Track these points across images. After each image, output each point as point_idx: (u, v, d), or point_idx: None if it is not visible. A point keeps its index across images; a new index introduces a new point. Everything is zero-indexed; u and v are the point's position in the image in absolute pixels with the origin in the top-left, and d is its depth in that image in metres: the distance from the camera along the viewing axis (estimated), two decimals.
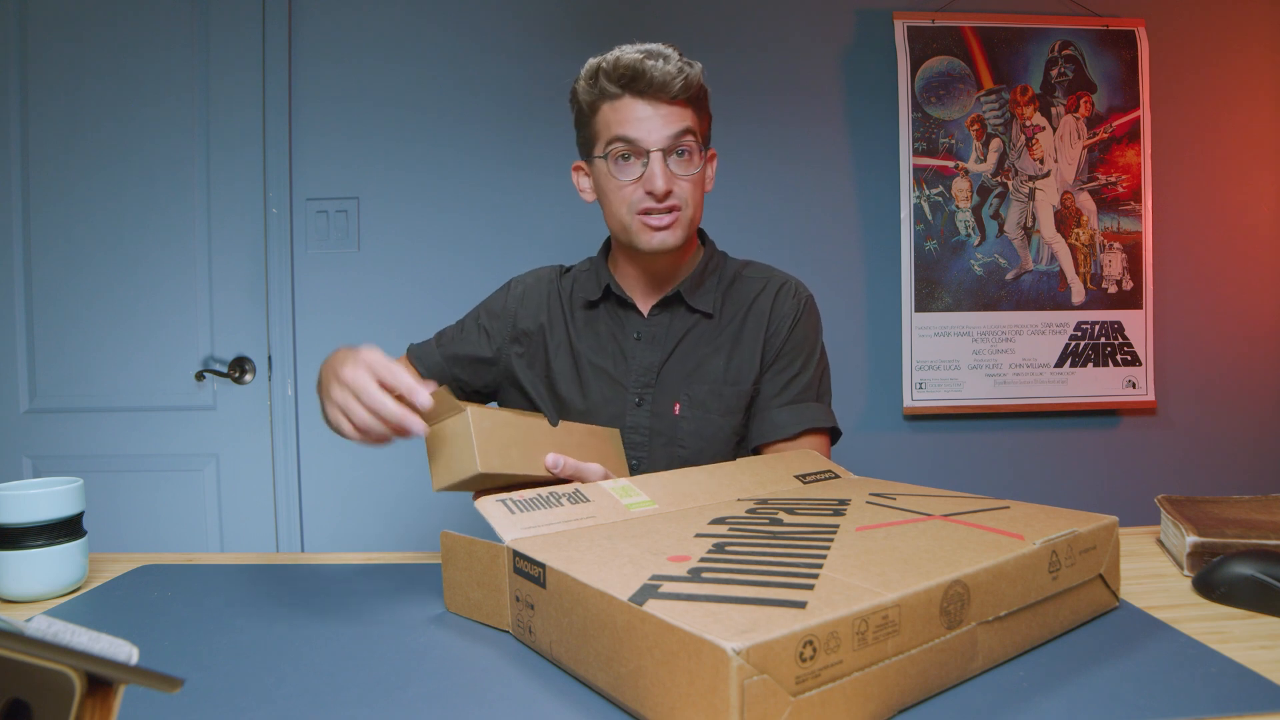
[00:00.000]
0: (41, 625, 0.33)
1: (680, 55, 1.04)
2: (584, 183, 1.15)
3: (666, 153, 1.04)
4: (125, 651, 0.33)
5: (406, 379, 0.77)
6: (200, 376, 1.99)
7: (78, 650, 0.29)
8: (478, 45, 2.02)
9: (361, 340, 2.08)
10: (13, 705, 0.29)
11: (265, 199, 1.99)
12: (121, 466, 1.99)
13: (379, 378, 0.77)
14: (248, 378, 2.00)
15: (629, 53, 1.02)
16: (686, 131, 1.04)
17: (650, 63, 1.01)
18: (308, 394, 2.02)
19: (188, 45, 1.98)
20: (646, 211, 1.06)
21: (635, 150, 1.04)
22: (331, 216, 2.01)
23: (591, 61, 1.05)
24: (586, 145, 1.11)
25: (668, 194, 1.04)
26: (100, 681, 0.30)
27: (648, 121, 1.03)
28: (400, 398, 0.77)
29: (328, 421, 0.85)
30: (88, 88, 1.97)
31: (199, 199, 1.99)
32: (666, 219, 1.06)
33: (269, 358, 2.00)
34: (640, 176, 1.05)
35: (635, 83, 1.02)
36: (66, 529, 0.82)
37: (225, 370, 1.99)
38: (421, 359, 1.22)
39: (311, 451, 2.02)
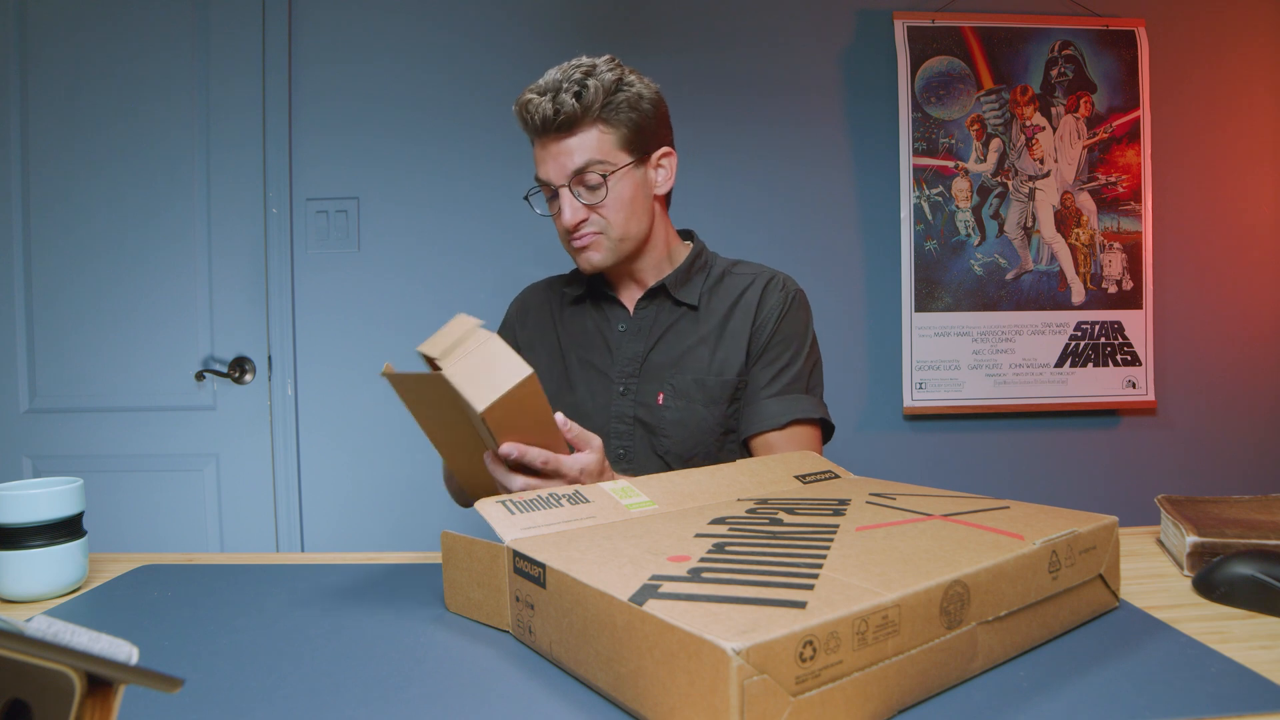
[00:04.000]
0: (41, 625, 0.33)
1: (584, 75, 1.03)
2: None
3: (573, 185, 1.06)
4: (125, 651, 0.33)
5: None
6: (200, 376, 2.00)
7: (78, 650, 0.29)
8: (478, 45, 2.02)
9: (360, 339, 2.08)
10: (13, 705, 0.29)
11: (265, 199, 1.99)
12: (121, 466, 1.99)
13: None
14: (248, 378, 2.00)
15: (525, 93, 1.05)
16: (589, 163, 1.05)
17: (536, 101, 1.03)
18: (308, 394, 2.02)
19: (188, 46, 1.98)
20: (570, 240, 1.10)
21: (548, 189, 1.09)
22: (331, 216, 2.01)
23: None
24: None
25: (579, 225, 1.07)
26: (100, 681, 0.30)
27: (548, 161, 1.06)
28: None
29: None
30: (88, 88, 1.97)
31: (199, 199, 1.99)
32: (586, 240, 1.09)
33: (269, 358, 2.00)
34: (560, 211, 1.08)
35: (528, 125, 1.07)
36: (66, 529, 0.82)
37: (225, 370, 1.99)
38: None
39: (311, 451, 2.02)
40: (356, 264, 2.02)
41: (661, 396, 1.11)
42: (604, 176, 1.06)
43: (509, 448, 0.80)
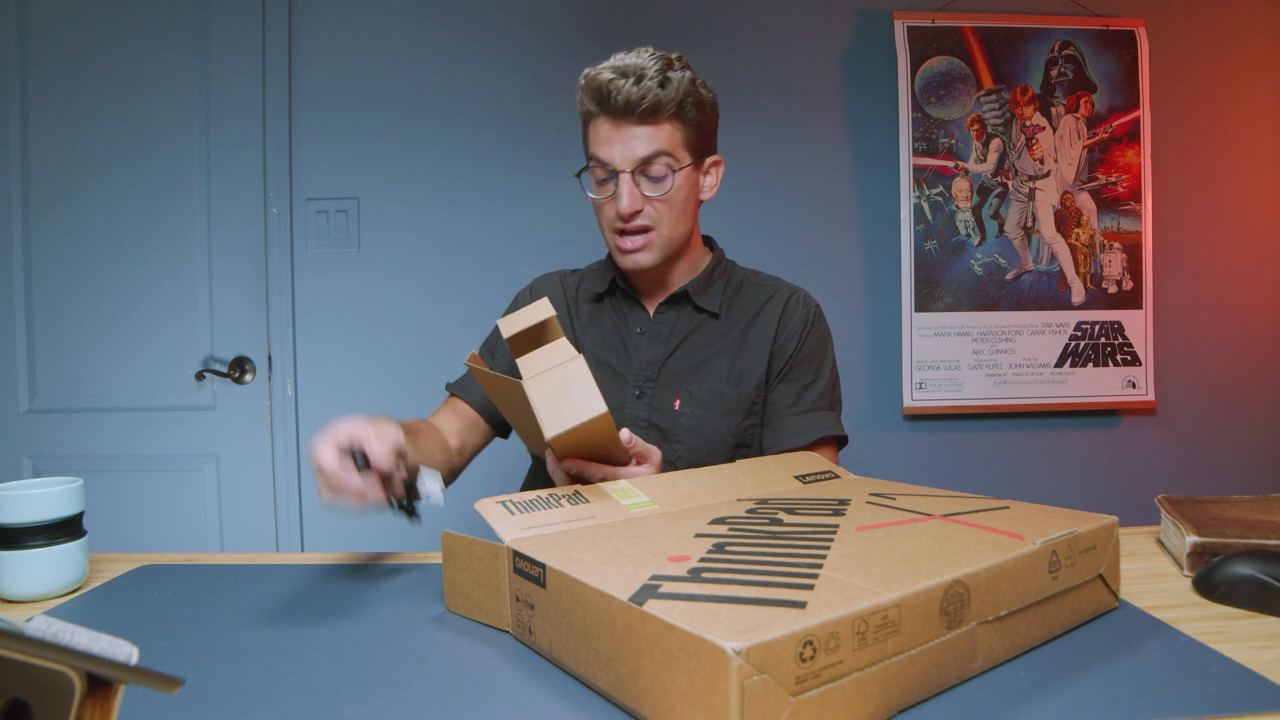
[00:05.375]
0: (41, 625, 0.33)
1: (666, 67, 1.02)
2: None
3: (636, 173, 1.04)
4: (125, 651, 0.33)
5: (370, 441, 0.77)
6: (200, 376, 1.99)
7: (78, 650, 0.29)
8: (478, 45, 2.02)
9: (360, 339, 2.08)
10: (13, 705, 0.29)
11: (265, 199, 1.99)
12: (121, 466, 1.99)
13: (340, 444, 0.77)
14: (248, 378, 2.00)
15: (604, 70, 1.02)
16: (659, 153, 1.03)
17: (620, 82, 1.00)
18: (308, 394, 2.02)
19: (188, 46, 1.98)
20: (620, 231, 1.07)
21: (607, 170, 1.05)
22: (331, 216, 2.01)
23: (582, 72, 1.05)
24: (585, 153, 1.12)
25: (634, 215, 1.05)
26: (100, 681, 0.30)
27: (616, 144, 1.03)
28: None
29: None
30: (88, 88, 1.97)
31: (199, 199, 1.99)
32: (638, 240, 1.07)
33: (269, 358, 2.00)
34: (613, 195, 1.05)
35: (605, 104, 1.02)
36: (66, 529, 0.82)
37: (225, 370, 1.99)
38: (465, 390, 1.21)
39: None
40: (356, 264, 2.02)
41: (678, 403, 1.11)
42: (671, 171, 1.05)
43: (570, 464, 0.83)
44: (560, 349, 0.83)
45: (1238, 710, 0.52)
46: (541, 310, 0.87)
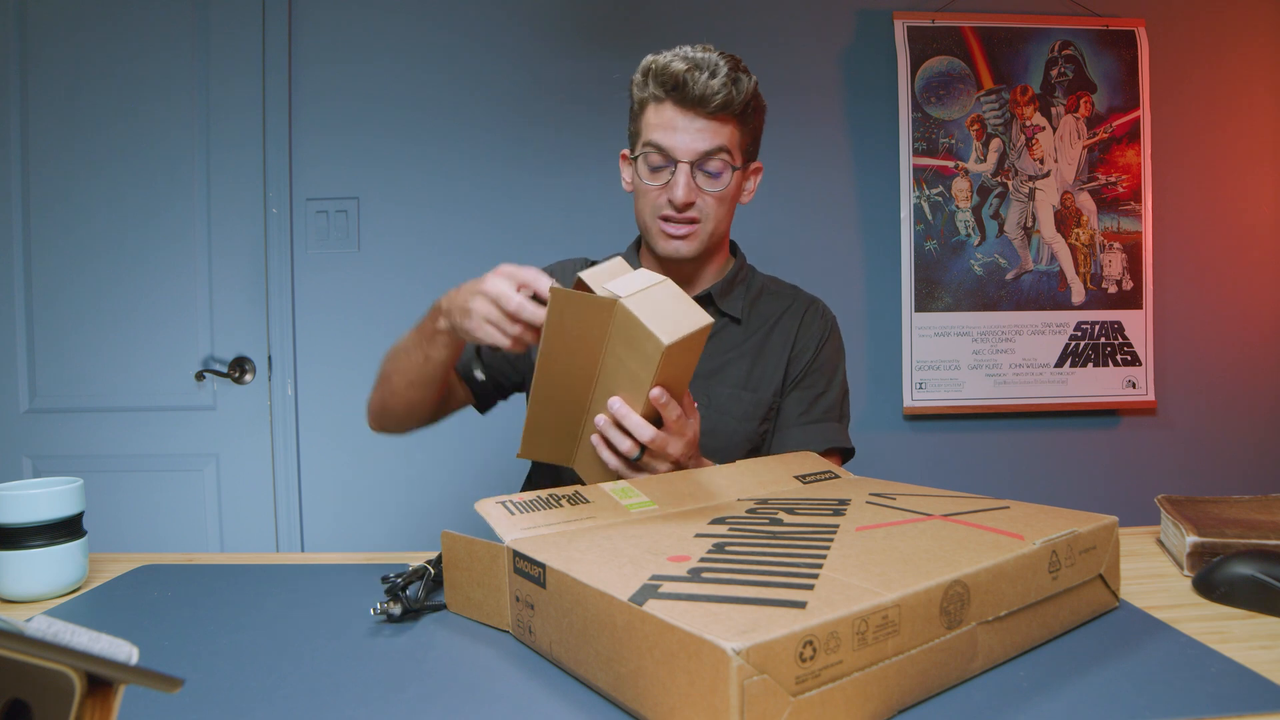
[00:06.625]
0: (41, 625, 0.33)
1: (734, 68, 1.05)
2: (626, 173, 1.17)
3: (695, 165, 1.06)
4: (125, 651, 0.33)
5: (543, 280, 0.85)
6: (200, 376, 1.99)
7: (78, 650, 0.29)
8: (478, 45, 2.02)
9: (360, 339, 2.08)
10: (13, 705, 0.29)
11: (265, 199, 1.99)
12: (121, 466, 1.99)
13: (517, 281, 0.86)
14: (248, 378, 2.00)
15: (678, 61, 1.03)
16: (720, 150, 1.06)
17: (696, 74, 1.02)
18: (308, 394, 2.02)
19: (188, 46, 1.98)
20: (666, 219, 1.08)
21: (665, 158, 1.06)
22: (331, 216, 2.01)
23: (647, 59, 1.07)
24: (632, 139, 1.13)
25: (687, 206, 1.07)
26: (100, 681, 0.30)
27: (681, 133, 1.05)
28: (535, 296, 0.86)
29: (469, 337, 0.90)
30: (88, 88, 1.97)
31: (199, 199, 1.99)
32: (684, 229, 1.09)
33: (269, 358, 2.00)
34: (667, 183, 1.07)
35: (677, 92, 1.04)
36: (66, 529, 0.82)
37: (225, 370, 1.99)
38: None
39: (311, 451, 2.02)
40: (356, 264, 2.02)
41: (696, 405, 1.12)
42: (728, 168, 1.07)
43: (659, 392, 0.81)
44: (644, 275, 0.83)
45: (1238, 710, 0.52)
46: (623, 265, 0.88)
